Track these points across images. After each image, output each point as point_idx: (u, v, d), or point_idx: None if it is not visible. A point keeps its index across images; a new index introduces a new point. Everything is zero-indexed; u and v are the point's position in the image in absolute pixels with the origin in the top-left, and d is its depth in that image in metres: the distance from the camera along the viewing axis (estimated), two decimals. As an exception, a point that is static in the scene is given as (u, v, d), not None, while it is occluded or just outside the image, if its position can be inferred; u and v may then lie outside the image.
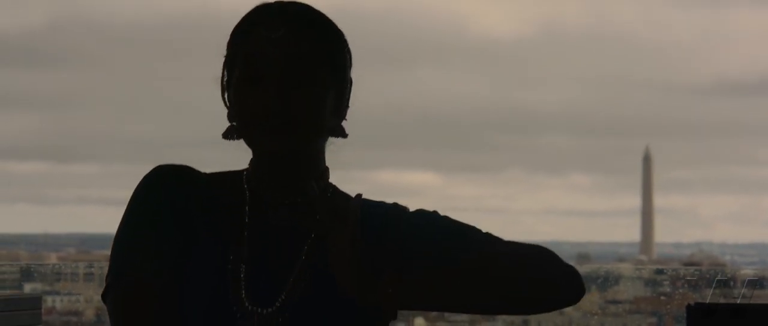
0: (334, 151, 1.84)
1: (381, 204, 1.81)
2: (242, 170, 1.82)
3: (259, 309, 1.74)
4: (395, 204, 1.82)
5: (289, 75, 1.75)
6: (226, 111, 1.81)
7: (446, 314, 14.88)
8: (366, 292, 1.70)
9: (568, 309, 13.79)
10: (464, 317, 14.44)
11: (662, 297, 10.14)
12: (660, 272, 10.64)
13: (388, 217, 1.79)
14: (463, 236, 1.78)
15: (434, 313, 14.92)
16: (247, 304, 1.74)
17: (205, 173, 1.82)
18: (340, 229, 1.71)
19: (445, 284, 1.72)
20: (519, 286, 1.73)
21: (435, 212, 1.81)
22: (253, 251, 1.76)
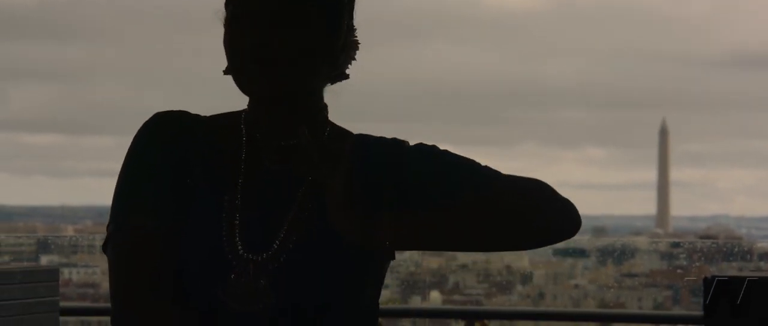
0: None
1: (380, 140, 1.82)
2: (241, 112, 1.82)
3: (253, 256, 1.73)
4: (394, 139, 1.82)
5: (275, 14, 1.74)
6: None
7: (461, 286, 14.89)
8: (363, 235, 1.70)
9: (584, 283, 13.77)
10: (479, 290, 14.45)
11: (678, 270, 10.12)
12: (676, 245, 10.62)
13: (387, 154, 1.79)
14: (463, 170, 1.78)
15: (450, 286, 14.93)
16: (241, 251, 1.73)
17: (204, 117, 1.82)
18: (332, 173, 1.71)
19: (444, 222, 1.72)
20: (519, 221, 1.74)
21: (434, 147, 1.81)
22: (249, 197, 1.76)
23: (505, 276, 13.76)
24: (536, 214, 1.74)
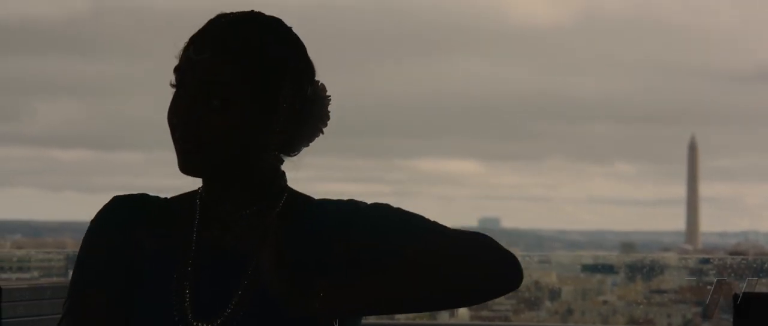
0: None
1: (334, 204, 1.82)
2: (199, 189, 1.85)
3: (204, 324, 1.76)
4: (351, 201, 1.82)
5: (200, 91, 1.75)
6: None
7: (489, 302, 14.87)
8: (297, 304, 1.71)
9: (613, 299, 13.73)
10: (507, 306, 14.42)
11: (708, 287, 10.08)
12: (705, 261, 10.57)
13: (338, 217, 1.79)
14: (408, 226, 1.77)
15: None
16: (190, 319, 1.77)
17: (163, 199, 1.86)
18: (262, 247, 1.72)
19: (385, 284, 1.72)
20: (463, 273, 1.73)
21: (387, 206, 1.80)
22: (200, 267, 1.79)
23: (533, 291, 13.71)
24: (480, 266, 1.73)
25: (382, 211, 1.80)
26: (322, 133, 1.85)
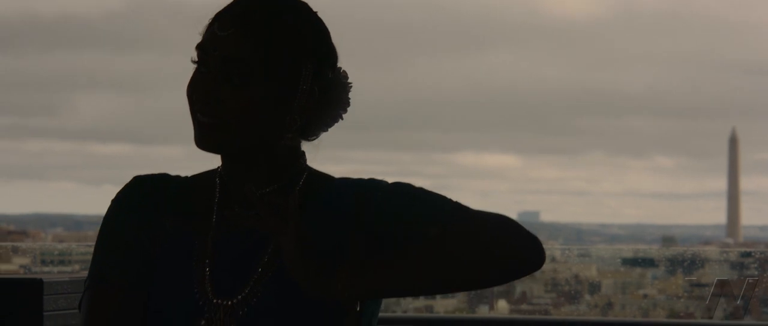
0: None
1: (355, 183, 1.81)
2: (218, 167, 1.86)
3: (224, 301, 1.76)
4: (371, 180, 1.81)
5: (220, 68, 1.76)
6: None
7: (529, 295, 14.83)
8: (317, 287, 1.70)
9: (653, 292, 13.67)
10: (547, 299, 14.38)
11: (749, 280, 10.02)
12: (747, 255, 10.49)
13: (358, 198, 1.78)
14: (430, 206, 1.76)
15: (517, 295, 14.88)
16: (211, 297, 1.77)
17: (183, 177, 1.87)
18: (281, 228, 1.72)
19: (404, 267, 1.71)
20: (486, 253, 1.72)
21: (409, 185, 1.79)
22: (220, 245, 1.80)
23: (573, 285, 13.66)
24: (503, 247, 1.72)
25: (405, 189, 1.79)
26: (342, 118, 1.84)
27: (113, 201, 1.85)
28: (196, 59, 1.79)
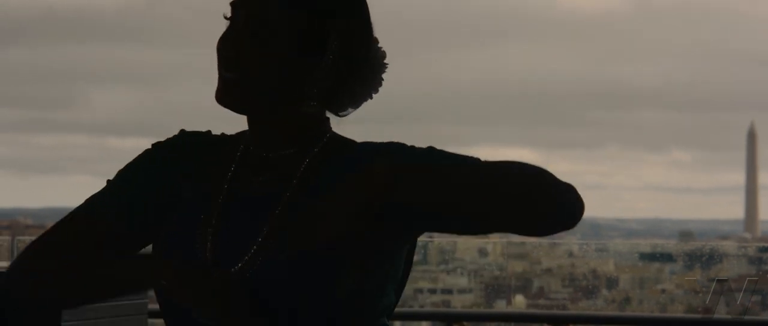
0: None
1: (376, 144, 1.76)
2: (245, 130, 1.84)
3: (229, 264, 1.72)
4: (393, 142, 1.76)
5: (244, 24, 1.74)
6: None
7: (546, 290, 14.82)
8: (300, 245, 1.68)
9: (671, 287, 13.64)
10: (564, 294, 14.37)
11: (767, 275, 9.97)
12: (765, 250, 10.45)
13: (383, 153, 1.72)
14: (460, 161, 1.72)
15: (535, 290, 14.86)
16: (209, 262, 1.73)
17: (225, 136, 1.84)
18: (289, 189, 1.73)
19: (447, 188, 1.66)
20: (534, 199, 1.66)
21: (433, 148, 1.74)
22: (228, 211, 1.77)
23: (590, 280, 13.62)
24: (548, 193, 1.66)
25: (430, 152, 1.73)
26: (371, 97, 1.81)
27: (152, 145, 1.84)
28: (229, 16, 1.77)
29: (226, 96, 1.76)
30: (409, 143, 1.76)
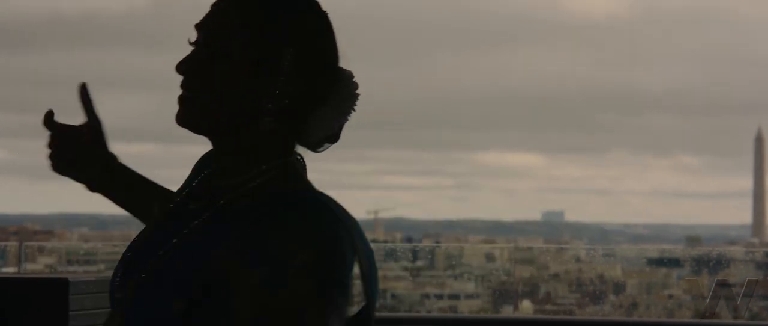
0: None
1: (273, 219, 1.66)
2: None
3: (118, 294, 1.74)
4: (290, 249, 1.62)
5: (203, 47, 1.73)
6: None
7: (553, 296, 14.81)
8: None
9: (678, 292, 13.63)
10: (571, 299, 14.37)
11: (775, 281, 9.96)
12: (773, 255, 10.43)
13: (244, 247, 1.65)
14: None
15: (542, 295, 14.85)
16: (114, 285, 1.75)
17: (208, 153, 1.84)
18: (177, 234, 1.74)
19: None
20: None
21: (306, 294, 1.59)
22: (152, 232, 1.78)
23: (597, 285, 13.61)
24: None
25: (279, 294, 1.58)
26: (339, 124, 1.76)
27: None
28: (193, 40, 1.76)
29: (182, 116, 1.74)
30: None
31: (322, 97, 1.74)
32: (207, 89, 1.72)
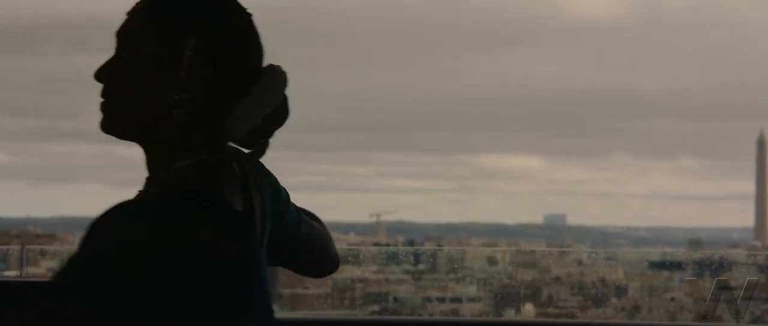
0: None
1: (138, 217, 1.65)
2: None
3: None
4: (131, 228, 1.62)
5: (115, 50, 1.76)
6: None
7: (555, 299, 14.81)
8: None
9: (680, 295, 13.64)
10: (573, 303, 14.36)
11: (776, 284, 9.96)
12: (775, 258, 10.42)
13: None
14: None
15: (544, 299, 14.86)
16: None
17: None
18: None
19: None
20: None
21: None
22: None
23: (599, 288, 13.62)
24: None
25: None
26: (264, 117, 1.74)
27: None
28: None
29: (103, 122, 1.76)
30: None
31: (239, 89, 1.73)
32: (121, 92, 1.73)
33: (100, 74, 1.75)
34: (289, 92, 1.80)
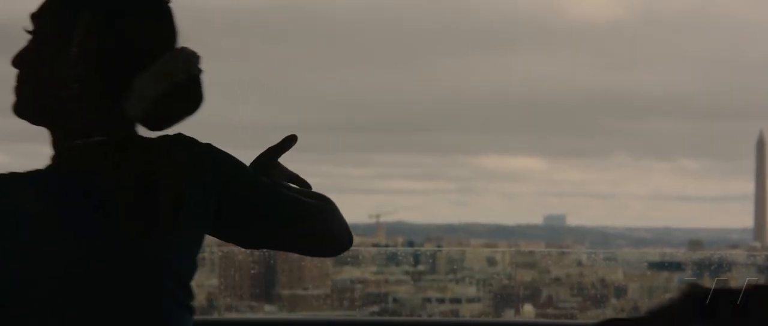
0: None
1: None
2: None
3: None
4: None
5: (31, 35, 1.76)
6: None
7: (555, 300, 14.81)
8: None
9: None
10: (573, 303, 14.36)
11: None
12: (774, 258, 10.42)
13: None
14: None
15: (543, 299, 14.86)
16: None
17: None
18: None
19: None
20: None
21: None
22: None
23: (599, 289, 13.62)
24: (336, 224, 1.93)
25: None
26: (164, 97, 1.72)
27: None
28: None
29: (13, 106, 1.77)
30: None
31: (134, 64, 1.71)
32: (28, 74, 1.74)
33: (15, 60, 1.76)
34: (289, 92, 1.80)
